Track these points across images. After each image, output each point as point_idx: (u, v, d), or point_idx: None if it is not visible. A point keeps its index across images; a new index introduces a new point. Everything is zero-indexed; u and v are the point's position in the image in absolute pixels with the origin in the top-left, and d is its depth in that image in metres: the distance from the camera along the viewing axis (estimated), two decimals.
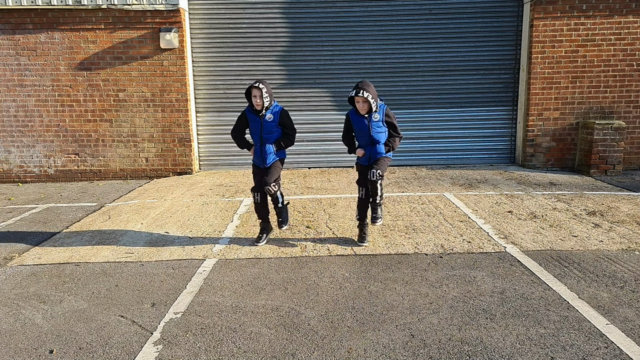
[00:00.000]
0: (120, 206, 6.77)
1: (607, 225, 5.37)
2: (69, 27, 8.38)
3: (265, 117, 4.77)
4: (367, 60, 8.95)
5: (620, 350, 2.97)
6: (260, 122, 4.79)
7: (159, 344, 3.18)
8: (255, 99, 4.68)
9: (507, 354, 2.96)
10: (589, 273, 4.12)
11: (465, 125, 9.10)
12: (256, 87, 4.64)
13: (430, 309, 3.54)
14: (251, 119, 4.86)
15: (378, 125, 4.67)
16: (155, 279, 4.23)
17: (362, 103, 4.58)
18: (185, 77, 8.59)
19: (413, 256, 4.58)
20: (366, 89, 4.52)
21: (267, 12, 8.79)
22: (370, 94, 4.52)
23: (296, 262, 4.51)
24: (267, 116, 4.77)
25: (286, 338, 3.21)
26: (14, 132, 8.71)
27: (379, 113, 4.65)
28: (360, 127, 4.74)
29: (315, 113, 9.05)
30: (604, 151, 8.05)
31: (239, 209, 6.37)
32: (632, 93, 8.48)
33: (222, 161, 9.23)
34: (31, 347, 3.19)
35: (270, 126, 4.80)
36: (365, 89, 4.52)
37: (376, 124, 4.66)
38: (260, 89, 4.63)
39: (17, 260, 4.79)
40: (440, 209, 6.11)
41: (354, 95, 4.54)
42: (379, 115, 4.65)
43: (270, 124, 4.79)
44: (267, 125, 4.79)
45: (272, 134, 4.84)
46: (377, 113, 4.64)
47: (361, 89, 4.51)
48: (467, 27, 8.81)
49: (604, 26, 8.30)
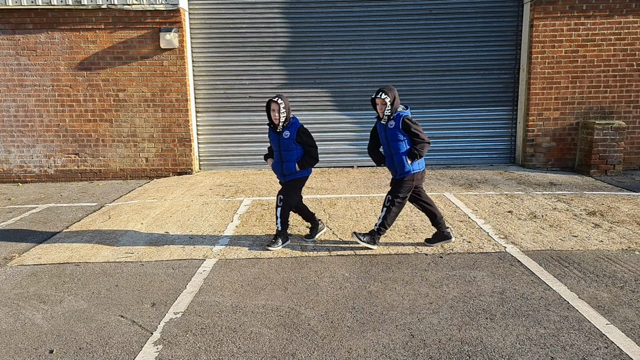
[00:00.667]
0: (120, 206, 6.77)
1: (607, 225, 5.37)
2: (69, 27, 8.38)
3: (282, 134, 4.73)
4: (367, 60, 8.95)
5: (621, 350, 2.97)
6: (278, 139, 4.77)
7: (159, 344, 3.18)
8: (274, 112, 4.66)
9: (507, 354, 2.96)
10: (589, 273, 4.12)
11: (465, 125, 9.10)
12: (274, 102, 4.63)
13: (430, 309, 3.54)
14: (271, 136, 4.85)
15: (394, 134, 4.50)
16: (155, 279, 4.23)
17: (381, 105, 4.50)
18: (185, 77, 8.59)
19: (413, 256, 4.58)
20: (385, 91, 4.45)
21: (267, 12, 8.79)
22: (388, 97, 4.43)
23: (296, 262, 4.51)
24: (284, 133, 4.72)
25: (286, 338, 3.21)
26: (14, 132, 8.71)
27: (395, 120, 4.49)
28: (381, 136, 4.67)
29: (315, 113, 9.04)
30: (604, 151, 8.05)
31: (239, 209, 6.37)
32: (632, 93, 8.48)
33: (222, 161, 9.23)
34: (31, 347, 3.19)
35: (287, 143, 4.73)
36: (384, 90, 4.46)
37: (392, 132, 4.51)
38: (279, 104, 4.61)
39: (17, 260, 4.79)
40: (440, 209, 6.10)
41: (373, 97, 4.50)
42: (395, 122, 4.49)
43: (287, 141, 4.72)
44: (285, 142, 4.73)
45: (291, 151, 4.75)
46: (393, 120, 4.50)
47: (380, 91, 4.45)
48: (467, 27, 8.81)
49: (604, 26, 8.30)
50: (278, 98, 4.63)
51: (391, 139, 4.54)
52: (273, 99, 4.64)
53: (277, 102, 4.62)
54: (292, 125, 4.75)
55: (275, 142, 4.81)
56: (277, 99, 4.62)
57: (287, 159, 4.77)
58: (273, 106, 4.66)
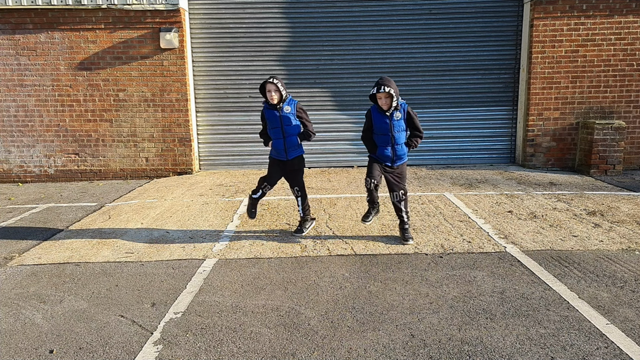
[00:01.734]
0: (121, 206, 6.77)
1: (607, 225, 5.37)
2: (69, 27, 8.38)
3: (283, 109, 4.86)
4: (367, 59, 8.95)
5: (621, 350, 2.97)
6: (279, 116, 4.88)
7: (159, 343, 3.19)
8: (270, 93, 4.77)
9: (507, 353, 2.96)
10: (589, 273, 4.12)
11: (465, 125, 9.10)
12: (270, 83, 4.75)
13: (430, 309, 3.54)
14: (268, 114, 4.94)
15: (400, 125, 4.62)
16: (155, 278, 4.23)
17: (385, 99, 4.49)
18: (185, 77, 8.59)
19: (413, 256, 4.58)
20: (387, 84, 4.43)
21: (267, 11, 8.79)
22: (392, 89, 4.43)
23: (296, 262, 4.51)
24: (285, 108, 4.86)
25: (286, 338, 3.21)
26: (14, 132, 8.71)
27: (400, 111, 4.58)
28: (380, 125, 4.66)
29: (315, 113, 9.03)
30: (604, 151, 8.05)
31: (239, 208, 6.37)
32: (632, 93, 8.48)
33: (222, 161, 9.24)
34: (31, 347, 3.19)
35: (288, 118, 4.89)
36: (386, 84, 4.43)
37: (398, 123, 4.61)
38: (275, 83, 4.74)
39: (17, 260, 4.79)
40: (440, 208, 6.11)
41: (375, 92, 4.47)
42: (401, 114, 4.59)
43: (288, 116, 4.89)
44: (286, 117, 4.89)
45: (292, 125, 4.92)
46: (398, 111, 4.57)
47: (382, 85, 4.42)
48: (467, 27, 8.81)
49: (604, 26, 8.29)
50: (273, 78, 4.75)
51: (396, 129, 4.64)
52: (268, 81, 4.76)
53: (274, 83, 4.74)
54: (290, 101, 4.92)
55: (275, 120, 4.92)
56: (272, 79, 4.75)
57: (290, 133, 4.96)
58: (269, 87, 4.77)
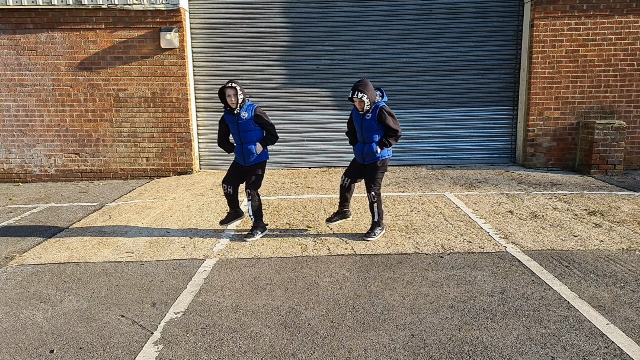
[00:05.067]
0: (121, 206, 6.77)
1: (607, 225, 5.37)
2: (70, 26, 8.38)
3: (240, 115, 4.89)
4: (367, 59, 8.94)
5: (621, 350, 2.97)
6: (236, 121, 4.92)
7: (159, 343, 3.19)
8: (230, 98, 4.81)
9: (508, 353, 2.96)
10: (589, 273, 4.12)
11: (465, 125, 9.09)
12: (230, 87, 4.79)
13: (430, 309, 3.54)
14: (228, 119, 5.00)
15: (370, 125, 4.79)
16: (155, 278, 4.23)
17: (359, 103, 4.72)
18: (185, 76, 8.59)
19: (413, 256, 4.58)
20: (361, 89, 4.65)
21: (267, 11, 8.79)
22: (365, 94, 4.64)
23: (296, 262, 4.51)
24: (242, 114, 4.89)
25: (286, 338, 3.21)
26: (14, 132, 8.71)
27: (371, 112, 4.76)
28: (356, 122, 4.94)
29: (315, 112, 9.05)
30: (605, 151, 8.04)
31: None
32: (632, 93, 8.47)
33: (223, 161, 9.23)
34: (32, 347, 3.19)
35: (246, 124, 4.91)
36: (360, 89, 4.65)
37: (368, 123, 4.80)
38: (235, 87, 4.78)
39: (17, 259, 4.79)
40: (440, 208, 6.11)
41: (350, 96, 4.70)
42: (371, 114, 4.77)
43: (245, 122, 4.90)
44: (243, 123, 4.91)
45: (250, 132, 4.94)
46: (370, 113, 4.77)
47: (356, 90, 4.65)
48: (468, 27, 8.80)
49: (605, 26, 8.29)
50: (232, 83, 4.79)
51: (366, 129, 4.82)
52: (227, 85, 4.79)
53: (233, 87, 4.77)
54: (248, 106, 4.93)
55: (233, 125, 4.96)
56: (231, 83, 4.78)
57: (247, 140, 4.96)
58: (229, 92, 4.79)
